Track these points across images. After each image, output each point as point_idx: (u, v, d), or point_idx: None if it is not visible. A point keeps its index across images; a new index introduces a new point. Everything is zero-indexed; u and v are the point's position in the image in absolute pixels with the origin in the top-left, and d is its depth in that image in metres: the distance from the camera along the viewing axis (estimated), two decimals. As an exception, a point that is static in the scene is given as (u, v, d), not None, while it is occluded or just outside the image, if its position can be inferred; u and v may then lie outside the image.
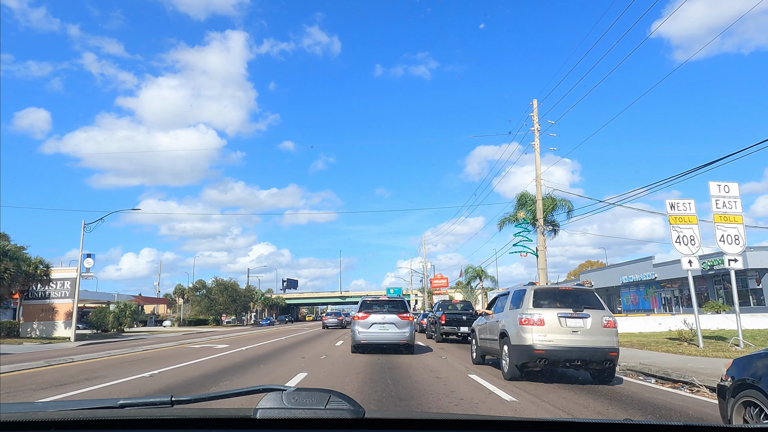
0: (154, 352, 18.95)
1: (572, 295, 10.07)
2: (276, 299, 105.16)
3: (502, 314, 11.00)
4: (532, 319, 9.58)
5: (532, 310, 9.71)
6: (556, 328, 9.47)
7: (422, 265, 70.26)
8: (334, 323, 47.15)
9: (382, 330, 15.46)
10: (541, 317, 9.55)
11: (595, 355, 9.27)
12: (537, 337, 9.44)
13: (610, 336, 9.56)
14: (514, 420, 1.54)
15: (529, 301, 9.88)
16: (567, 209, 30.37)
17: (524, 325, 9.64)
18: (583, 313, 9.59)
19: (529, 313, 9.66)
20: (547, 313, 9.58)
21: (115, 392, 8.98)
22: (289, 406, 1.42)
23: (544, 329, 9.48)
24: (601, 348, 9.35)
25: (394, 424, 1.55)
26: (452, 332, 22.55)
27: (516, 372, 9.80)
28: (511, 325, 10.16)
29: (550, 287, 10.42)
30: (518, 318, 9.83)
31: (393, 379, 10.03)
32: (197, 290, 78.24)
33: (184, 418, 1.49)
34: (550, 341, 9.38)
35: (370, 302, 16.24)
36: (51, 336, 37.44)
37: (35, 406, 1.67)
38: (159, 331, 56.24)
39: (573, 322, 9.54)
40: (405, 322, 15.54)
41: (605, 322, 9.61)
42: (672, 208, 16.01)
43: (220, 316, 77.19)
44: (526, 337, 9.53)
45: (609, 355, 9.33)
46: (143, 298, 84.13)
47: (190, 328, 62.43)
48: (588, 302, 9.89)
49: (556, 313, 9.58)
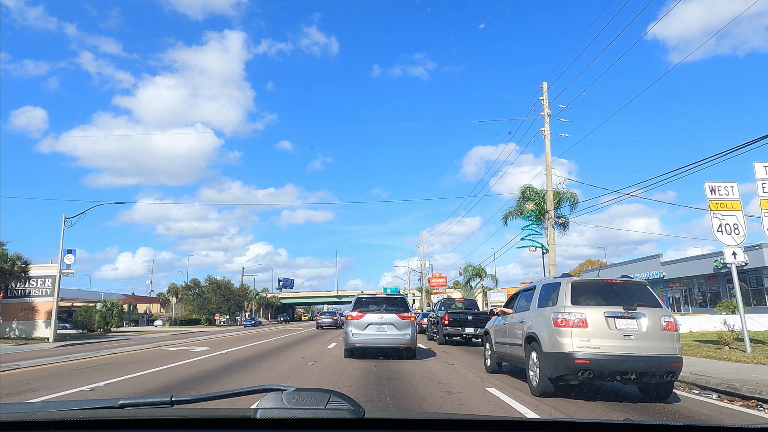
0: (122, 356, 16.80)
1: (621, 289, 7.99)
2: (271, 299, 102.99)
3: (528, 314, 8.93)
4: (571, 319, 7.51)
5: (571, 308, 7.64)
6: (603, 332, 7.40)
7: (420, 264, 68.00)
8: (328, 323, 44.97)
9: (379, 332, 13.37)
10: (583, 317, 7.48)
11: (654, 367, 7.19)
12: (578, 343, 7.37)
13: (671, 342, 7.49)
14: (514, 420, 1.51)
15: (566, 296, 7.80)
16: (572, 202, 28.47)
17: (560, 327, 7.57)
18: (637, 311, 7.52)
19: (566, 312, 7.59)
20: (591, 312, 7.51)
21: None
22: (289, 406, 1.43)
23: (587, 333, 7.41)
24: (662, 357, 7.28)
25: (394, 424, 1.53)
26: (456, 333, 20.45)
27: (548, 386, 7.72)
28: (541, 327, 8.08)
29: (592, 279, 8.32)
30: (552, 318, 7.75)
31: (393, 395, 7.96)
32: (190, 289, 75.83)
33: (184, 418, 1.49)
34: (595, 348, 7.30)
35: (365, 300, 14.11)
36: (31, 336, 35.46)
37: (35, 406, 1.67)
38: (148, 331, 53.96)
39: (624, 324, 7.46)
40: (406, 322, 13.43)
41: (665, 323, 7.54)
42: (712, 192, 13.96)
43: (212, 315, 74.91)
44: (563, 342, 7.46)
45: (671, 366, 7.26)
46: (136, 297, 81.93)
47: (180, 328, 60.20)
48: (641, 298, 7.81)
49: (603, 311, 7.50)
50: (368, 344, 13.37)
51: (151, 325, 72.40)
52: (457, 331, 20.32)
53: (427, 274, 68.51)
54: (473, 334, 20.28)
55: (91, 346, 23.98)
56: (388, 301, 13.98)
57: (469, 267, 57.38)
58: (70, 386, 9.38)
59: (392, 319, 13.37)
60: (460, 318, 20.43)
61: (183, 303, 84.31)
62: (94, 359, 15.49)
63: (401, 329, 13.33)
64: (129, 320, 71.88)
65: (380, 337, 13.32)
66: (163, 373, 11.46)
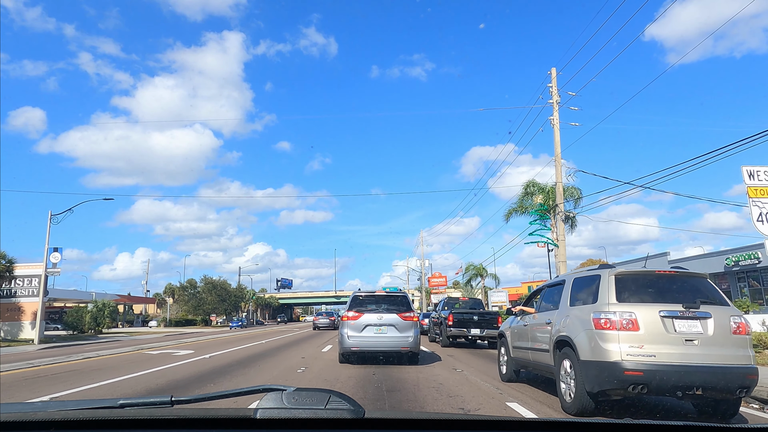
0: (94, 361, 15.25)
1: (677, 283, 6.48)
2: (269, 299, 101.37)
3: (557, 313, 7.42)
4: (617, 320, 6.00)
5: (617, 305, 6.13)
6: (660, 335, 5.90)
7: (419, 263, 66.27)
8: (325, 324, 43.33)
9: (378, 334, 11.85)
10: (633, 317, 5.98)
11: (725, 380, 5.69)
12: (628, 350, 5.86)
13: (744, 348, 5.98)
14: (514, 420, 1.49)
15: (610, 291, 6.30)
16: (575, 198, 27.01)
17: (604, 330, 6.06)
18: (700, 311, 6.01)
19: (611, 311, 6.09)
20: (643, 311, 6.01)
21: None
22: (289, 406, 1.42)
23: (638, 337, 5.90)
24: (734, 368, 5.78)
25: (394, 424, 1.53)
26: (461, 335, 18.93)
27: (587, 402, 6.22)
28: (576, 329, 6.58)
29: (640, 271, 6.77)
30: (592, 319, 6.25)
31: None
32: (185, 289, 74.17)
33: (184, 418, 1.48)
34: (650, 356, 5.80)
35: (363, 298, 12.51)
36: (17, 338, 33.99)
37: (35, 406, 1.67)
38: (141, 332, 52.31)
39: (686, 326, 5.95)
40: (408, 323, 11.91)
41: (735, 325, 6.03)
42: (750, 177, 12.47)
43: (208, 316, 73.33)
44: (608, 349, 5.95)
45: (746, 380, 5.76)
46: (132, 298, 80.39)
47: (174, 329, 58.60)
48: (703, 293, 6.31)
49: (658, 310, 6.00)
50: (366, 348, 11.87)
51: (146, 326, 70.79)
52: (462, 332, 18.81)
53: (427, 273, 66.74)
54: (479, 336, 18.78)
55: (73, 349, 22.63)
56: (388, 300, 12.43)
57: (470, 266, 55.72)
58: (7, 400, 7.85)
59: (393, 319, 11.86)
60: (465, 318, 18.92)
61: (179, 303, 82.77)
62: (61, 365, 13.94)
63: (403, 331, 11.83)
64: (124, 321, 70.39)
65: (379, 340, 11.82)
66: (128, 382, 9.94)
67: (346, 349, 11.94)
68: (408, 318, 11.91)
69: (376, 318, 11.90)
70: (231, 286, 77.56)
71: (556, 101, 23.25)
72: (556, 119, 23.03)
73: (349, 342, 11.85)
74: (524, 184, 28.95)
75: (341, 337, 12.14)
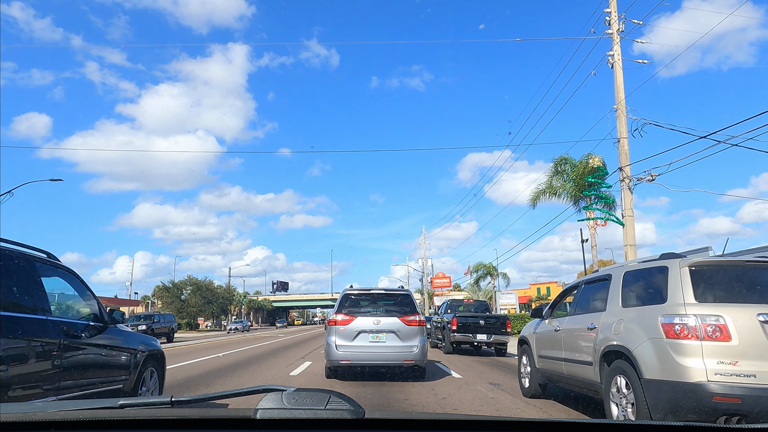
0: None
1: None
2: (262, 302, 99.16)
3: (603, 316, 5.90)
4: (697, 326, 4.49)
5: (696, 306, 4.62)
6: (761, 347, 4.39)
7: (422, 262, 64.24)
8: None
9: (374, 343, 9.60)
10: (721, 323, 4.46)
11: None
12: (716, 367, 4.35)
13: None
14: (514, 420, 1.46)
15: (684, 287, 4.78)
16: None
17: (678, 340, 4.55)
18: (813, 313, 4.50)
19: (689, 314, 4.57)
20: (735, 315, 4.49)
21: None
22: (289, 407, 1.40)
23: (730, 349, 4.39)
24: None
25: (394, 424, 1.51)
26: (466, 341, 17.38)
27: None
28: (637, 337, 5.05)
29: (726, 261, 5.24)
30: (661, 324, 4.73)
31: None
32: (168, 290, 71.82)
33: (184, 419, 1.48)
34: (749, 376, 4.29)
35: (355, 297, 10.25)
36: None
37: (35, 406, 1.68)
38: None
39: (795, 334, 4.45)
40: (412, 329, 9.69)
41: None
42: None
43: (194, 319, 71.24)
44: (687, 365, 4.44)
45: None
46: (117, 300, 78.37)
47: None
48: (809, 291, 4.82)
49: (756, 313, 4.49)
50: (359, 361, 9.57)
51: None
52: (467, 338, 17.26)
53: (429, 274, 64.35)
54: (486, 342, 17.26)
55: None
56: (388, 299, 10.28)
57: (480, 265, 53.57)
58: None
59: (393, 324, 9.70)
60: (471, 323, 17.36)
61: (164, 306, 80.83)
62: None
63: (406, 339, 9.63)
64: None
65: (376, 350, 9.58)
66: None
67: (335, 361, 9.63)
68: (412, 322, 9.76)
69: (372, 322, 9.75)
70: (221, 287, 75.58)
71: (616, 31, 17.85)
72: (618, 55, 17.73)
73: (338, 353, 9.53)
74: (554, 160, 24.66)
75: (327, 346, 9.80)
